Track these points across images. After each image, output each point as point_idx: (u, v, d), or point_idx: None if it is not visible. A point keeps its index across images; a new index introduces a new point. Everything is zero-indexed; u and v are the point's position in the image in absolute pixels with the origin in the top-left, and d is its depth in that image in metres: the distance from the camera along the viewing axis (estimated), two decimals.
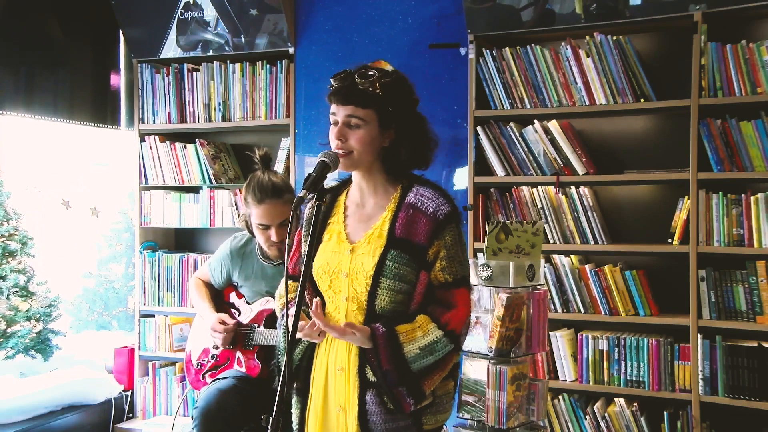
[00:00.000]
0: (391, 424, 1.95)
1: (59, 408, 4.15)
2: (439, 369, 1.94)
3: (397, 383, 1.90)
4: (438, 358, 1.92)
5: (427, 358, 1.90)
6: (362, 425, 1.95)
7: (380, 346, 1.89)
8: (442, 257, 1.96)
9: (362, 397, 1.95)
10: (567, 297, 3.55)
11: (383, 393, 1.92)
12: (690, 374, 3.30)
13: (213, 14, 4.24)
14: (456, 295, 1.97)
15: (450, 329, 1.93)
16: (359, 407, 1.95)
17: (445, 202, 1.99)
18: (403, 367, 1.89)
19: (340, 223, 2.06)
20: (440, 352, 1.92)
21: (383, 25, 4.02)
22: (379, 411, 1.94)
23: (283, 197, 2.85)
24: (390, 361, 1.88)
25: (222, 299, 3.16)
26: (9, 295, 4.09)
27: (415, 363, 1.90)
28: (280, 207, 2.84)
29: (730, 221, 3.25)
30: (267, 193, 2.84)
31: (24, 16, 4.27)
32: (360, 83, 1.96)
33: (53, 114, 4.48)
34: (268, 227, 2.86)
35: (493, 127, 3.67)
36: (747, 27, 3.39)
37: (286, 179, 2.97)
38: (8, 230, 4.12)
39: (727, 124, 3.24)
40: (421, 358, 1.90)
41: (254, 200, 2.85)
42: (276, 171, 2.99)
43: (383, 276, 1.93)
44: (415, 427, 1.98)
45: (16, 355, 4.09)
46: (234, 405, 2.83)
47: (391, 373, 1.89)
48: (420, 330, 1.92)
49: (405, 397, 1.90)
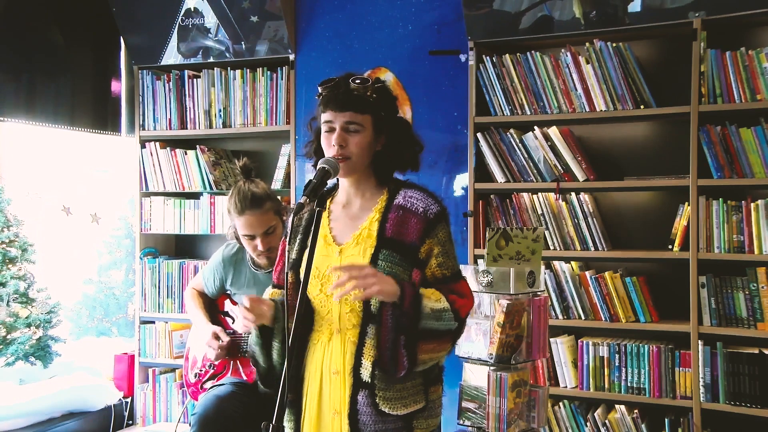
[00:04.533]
0: (381, 426, 1.95)
1: (59, 415, 4.14)
2: (436, 341, 1.93)
3: (406, 329, 1.89)
4: (440, 329, 1.92)
5: (434, 322, 1.91)
6: (352, 426, 1.96)
7: (407, 291, 1.89)
8: (438, 254, 1.99)
9: (354, 397, 1.96)
10: (567, 303, 3.54)
11: (386, 350, 1.91)
12: (691, 381, 3.29)
13: (214, 21, 4.25)
14: (459, 287, 2.00)
15: (456, 308, 1.95)
16: (350, 407, 1.96)
17: (434, 202, 2.03)
18: (417, 317, 1.89)
19: (325, 226, 2.07)
20: (444, 323, 1.92)
21: (383, 31, 4.03)
22: (369, 412, 1.95)
23: (264, 206, 2.84)
24: (411, 306, 1.88)
25: (216, 308, 3.15)
26: (9, 301, 4.08)
27: (425, 320, 1.90)
28: (261, 216, 2.84)
29: (731, 228, 3.25)
30: (247, 203, 2.83)
31: (25, 22, 4.28)
32: (356, 89, 1.98)
33: (54, 121, 4.49)
34: (253, 237, 2.86)
35: (493, 133, 3.67)
36: (746, 34, 3.40)
37: (267, 188, 2.95)
38: (9, 237, 4.12)
39: (726, 131, 3.24)
40: (430, 318, 1.90)
41: (236, 211, 2.85)
42: (257, 180, 2.97)
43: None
44: (406, 430, 1.98)
45: (15, 361, 4.08)
46: (232, 411, 2.82)
47: (407, 316, 1.88)
48: (434, 295, 1.94)
49: (402, 350, 1.89)
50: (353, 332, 1.98)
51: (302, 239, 2.08)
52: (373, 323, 1.95)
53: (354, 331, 1.98)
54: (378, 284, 1.84)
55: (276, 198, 2.95)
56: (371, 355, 1.94)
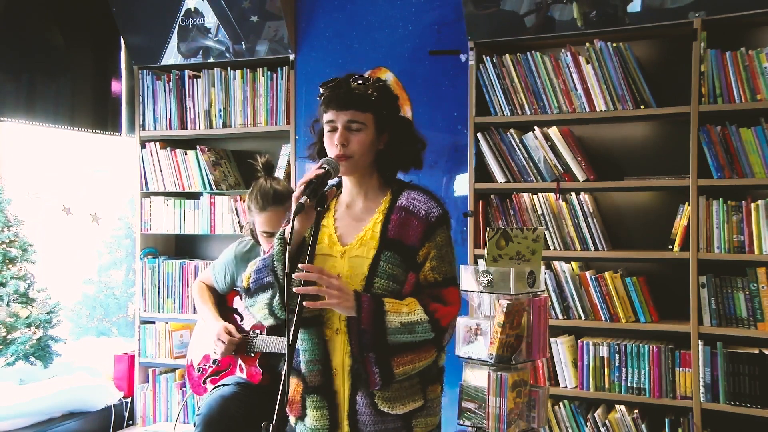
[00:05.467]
0: (380, 426, 1.96)
1: (59, 415, 4.14)
2: (412, 353, 1.93)
3: (370, 347, 1.89)
4: (415, 341, 1.92)
5: (405, 335, 1.90)
6: (352, 426, 1.97)
7: (364, 307, 1.88)
8: (432, 257, 1.99)
9: (353, 397, 1.97)
10: (567, 303, 3.55)
11: (356, 362, 1.92)
12: (691, 381, 3.29)
13: (214, 21, 4.25)
14: (446, 294, 1.99)
15: (436, 318, 1.94)
16: (350, 408, 1.97)
17: (436, 205, 2.03)
18: (381, 334, 1.88)
19: (330, 226, 2.07)
20: (419, 335, 1.91)
21: (384, 31, 4.03)
22: (369, 412, 1.96)
23: (285, 204, 2.83)
24: (370, 323, 1.88)
25: (225, 304, 3.15)
26: (9, 301, 4.08)
27: (392, 335, 1.89)
28: (283, 214, 2.83)
29: (731, 228, 3.25)
30: (269, 200, 2.84)
31: (25, 22, 4.28)
32: (357, 88, 1.99)
33: (54, 121, 4.49)
34: (272, 234, 2.86)
35: (493, 133, 3.67)
36: (746, 34, 3.40)
37: (288, 186, 2.97)
38: (9, 237, 4.12)
39: (726, 131, 3.24)
40: (398, 333, 1.89)
41: (257, 208, 2.85)
42: (278, 178, 2.98)
43: (377, 277, 1.96)
44: (405, 430, 1.99)
45: (16, 362, 4.08)
46: (236, 412, 2.83)
47: (367, 334, 1.88)
48: (406, 307, 1.93)
49: (373, 367, 1.89)
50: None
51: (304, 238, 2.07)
52: None
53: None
54: (335, 298, 1.85)
55: None
56: None
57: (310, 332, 2.02)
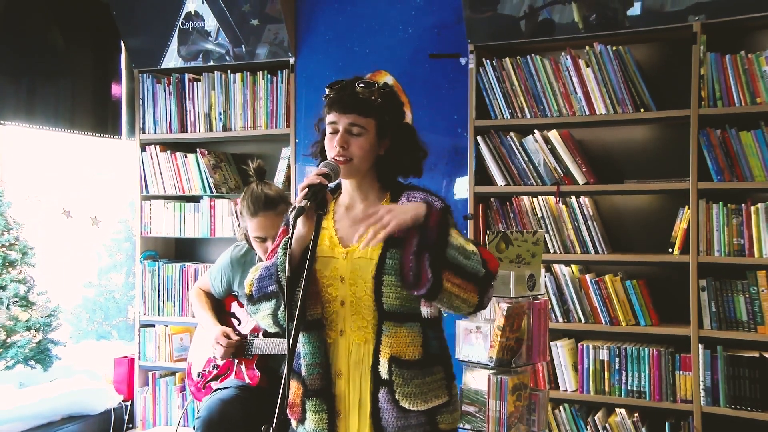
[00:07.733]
0: (402, 422, 1.95)
1: (59, 418, 4.14)
2: (461, 278, 1.89)
3: (431, 246, 1.86)
4: (467, 266, 1.89)
5: (461, 257, 1.89)
6: (375, 424, 1.96)
7: (433, 211, 1.89)
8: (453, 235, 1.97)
9: (375, 395, 1.96)
10: (567, 307, 3.54)
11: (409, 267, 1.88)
12: (691, 384, 3.29)
13: (214, 24, 4.26)
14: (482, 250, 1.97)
15: (485, 258, 1.93)
16: (372, 405, 1.96)
17: (437, 199, 2.02)
18: (443, 238, 1.87)
19: (330, 228, 2.07)
20: (471, 263, 1.90)
21: (384, 34, 4.03)
22: (390, 408, 1.95)
23: (277, 209, 2.82)
24: (437, 225, 1.87)
25: (223, 309, 3.15)
26: (9, 305, 4.08)
27: (451, 250, 1.88)
28: (275, 219, 2.82)
29: (731, 231, 3.25)
30: (260, 205, 2.82)
31: (25, 25, 4.29)
32: (361, 92, 1.99)
33: (54, 124, 4.49)
34: (265, 239, 2.85)
35: (493, 136, 3.67)
36: (746, 37, 3.40)
37: (281, 190, 2.95)
38: (8, 240, 4.12)
39: (726, 134, 3.25)
40: (456, 251, 1.88)
41: (249, 213, 2.84)
42: (270, 183, 2.96)
43: (386, 274, 1.95)
44: (429, 426, 1.98)
45: (15, 365, 4.08)
46: (236, 414, 2.83)
47: (432, 232, 1.86)
48: (462, 237, 1.94)
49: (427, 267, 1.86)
50: (367, 331, 1.97)
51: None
52: (389, 321, 1.94)
53: (368, 331, 1.97)
54: (394, 218, 1.83)
55: (289, 200, 2.95)
56: (387, 352, 1.94)
57: (311, 335, 2.01)
